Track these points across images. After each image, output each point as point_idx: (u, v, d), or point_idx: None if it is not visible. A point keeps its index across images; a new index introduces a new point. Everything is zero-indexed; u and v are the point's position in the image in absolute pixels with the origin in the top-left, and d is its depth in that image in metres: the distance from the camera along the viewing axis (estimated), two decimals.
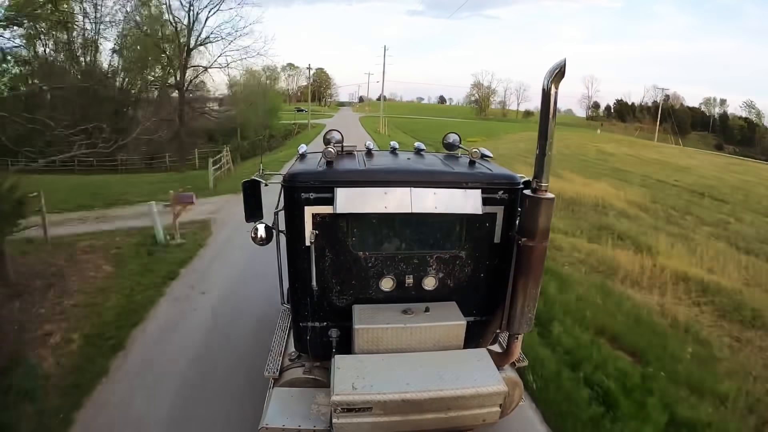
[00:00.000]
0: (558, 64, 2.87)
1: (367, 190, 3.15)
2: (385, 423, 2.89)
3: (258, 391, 4.04)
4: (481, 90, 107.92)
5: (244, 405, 4.55)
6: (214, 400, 4.76)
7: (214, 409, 4.64)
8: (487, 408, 3.02)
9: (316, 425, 3.20)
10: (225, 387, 4.94)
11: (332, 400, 2.81)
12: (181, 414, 4.60)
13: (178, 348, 5.83)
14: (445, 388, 2.92)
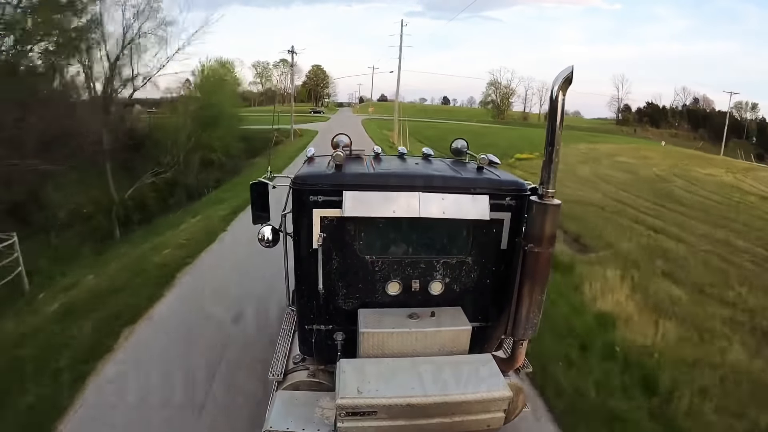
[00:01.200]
0: (565, 70, 2.88)
1: (376, 194, 3.17)
2: (389, 427, 2.89)
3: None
4: (499, 90, 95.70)
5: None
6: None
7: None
8: (492, 413, 3.01)
9: (320, 429, 3.19)
10: None
11: (337, 403, 2.82)
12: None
13: None
14: (449, 393, 2.92)
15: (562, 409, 4.93)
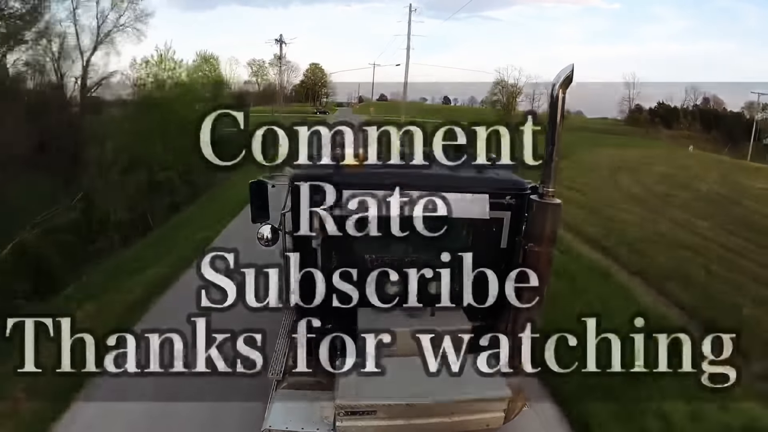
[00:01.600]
0: (565, 70, 2.88)
1: (375, 192, 3.18)
2: (388, 427, 2.90)
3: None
4: (506, 89, 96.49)
5: None
6: None
7: None
8: (491, 413, 3.02)
9: (319, 428, 3.18)
10: None
11: (336, 403, 2.84)
12: None
13: None
14: (449, 393, 2.92)
15: None
